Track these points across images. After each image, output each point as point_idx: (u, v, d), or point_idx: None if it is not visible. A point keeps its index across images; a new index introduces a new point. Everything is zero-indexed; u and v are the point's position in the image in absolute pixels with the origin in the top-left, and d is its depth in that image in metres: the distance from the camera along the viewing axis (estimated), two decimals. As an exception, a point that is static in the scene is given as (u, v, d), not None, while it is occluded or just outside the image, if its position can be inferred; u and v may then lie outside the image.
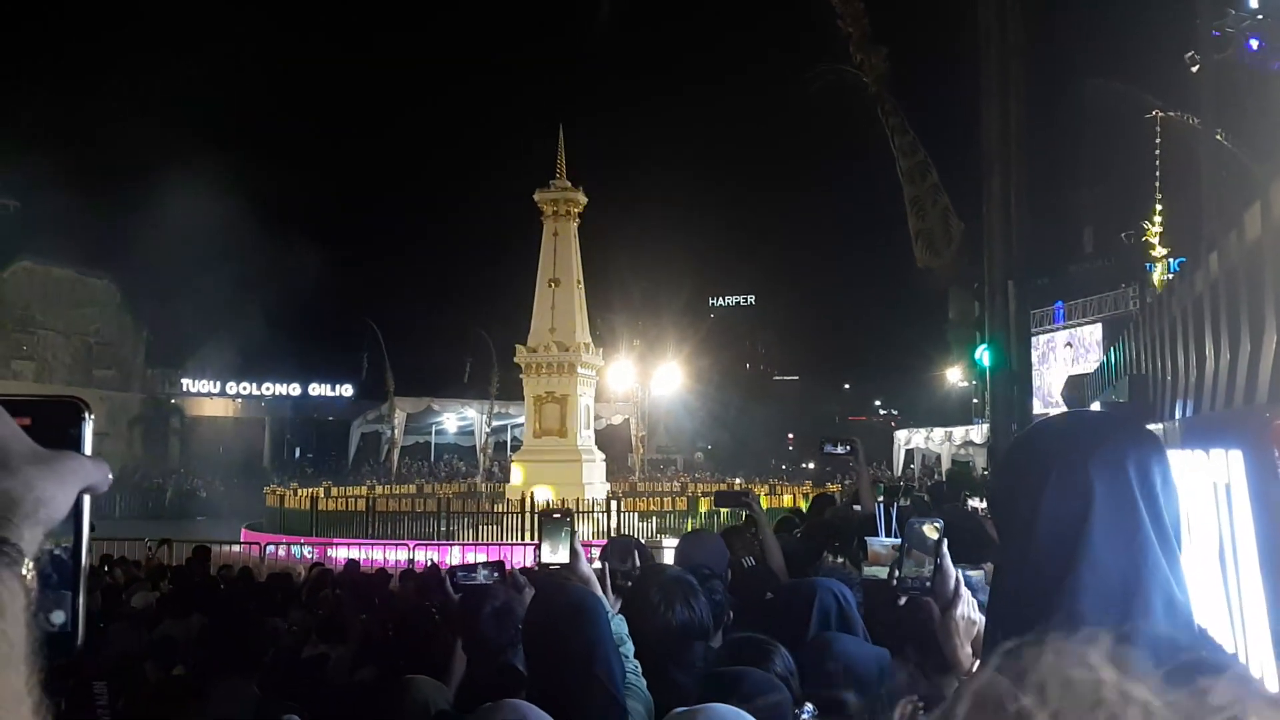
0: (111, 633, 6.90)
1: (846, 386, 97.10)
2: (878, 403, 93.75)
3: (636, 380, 45.52)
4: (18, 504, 0.72)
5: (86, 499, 0.80)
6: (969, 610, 2.08)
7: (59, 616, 0.78)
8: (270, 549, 20.43)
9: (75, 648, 0.79)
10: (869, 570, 3.77)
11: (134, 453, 47.59)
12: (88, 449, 0.81)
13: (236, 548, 20.65)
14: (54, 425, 0.80)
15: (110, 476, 0.81)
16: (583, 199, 26.82)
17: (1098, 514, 1.29)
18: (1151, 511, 1.31)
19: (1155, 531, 1.29)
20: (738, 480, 38.69)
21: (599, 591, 2.99)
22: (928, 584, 2.09)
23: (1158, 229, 34.59)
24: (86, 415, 0.83)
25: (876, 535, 4.92)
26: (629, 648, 2.80)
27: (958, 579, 2.08)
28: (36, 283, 46.53)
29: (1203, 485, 3.58)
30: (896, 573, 2.08)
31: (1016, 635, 0.62)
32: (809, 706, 2.47)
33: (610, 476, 29.83)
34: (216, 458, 51.36)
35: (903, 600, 2.11)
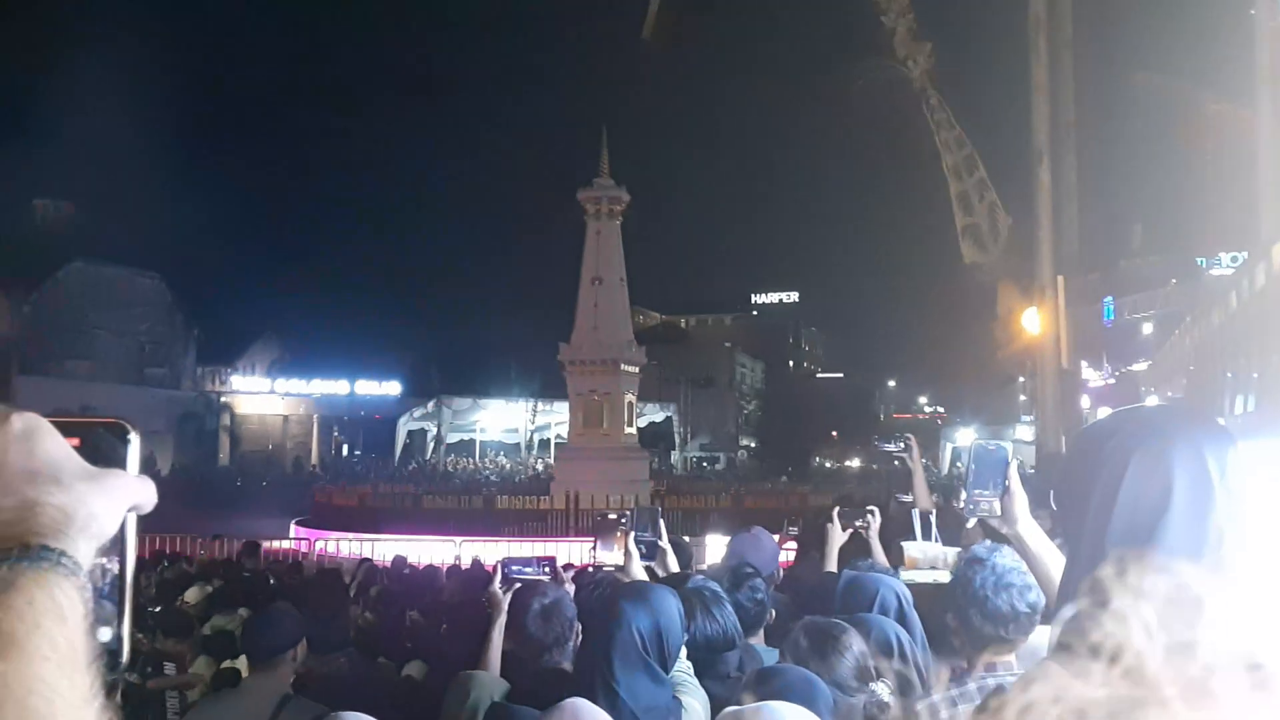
0: (165, 627, 7.00)
1: (891, 384, 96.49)
2: (923, 399, 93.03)
3: (680, 377, 45.47)
4: (72, 518, 0.75)
5: (132, 517, 0.82)
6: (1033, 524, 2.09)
7: (106, 633, 0.79)
8: (319, 545, 20.67)
9: (120, 663, 0.80)
10: (905, 575, 3.70)
11: (185, 449, 48.34)
12: (133, 468, 0.84)
13: (286, 543, 20.92)
14: (101, 445, 0.83)
15: (155, 497, 0.83)
16: (626, 197, 26.82)
17: (1177, 501, 1.28)
18: (1226, 504, 1.30)
19: (1228, 524, 1.28)
20: (782, 479, 38.52)
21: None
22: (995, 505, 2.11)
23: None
24: (132, 436, 0.85)
25: (913, 537, 4.84)
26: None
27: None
28: (89, 282, 47.36)
29: (1268, 478, 3.49)
30: (964, 494, 2.11)
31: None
32: (877, 685, 2.44)
33: (651, 474, 29.83)
34: (266, 454, 52.08)
35: (971, 522, 2.11)
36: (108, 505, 0.78)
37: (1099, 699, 0.56)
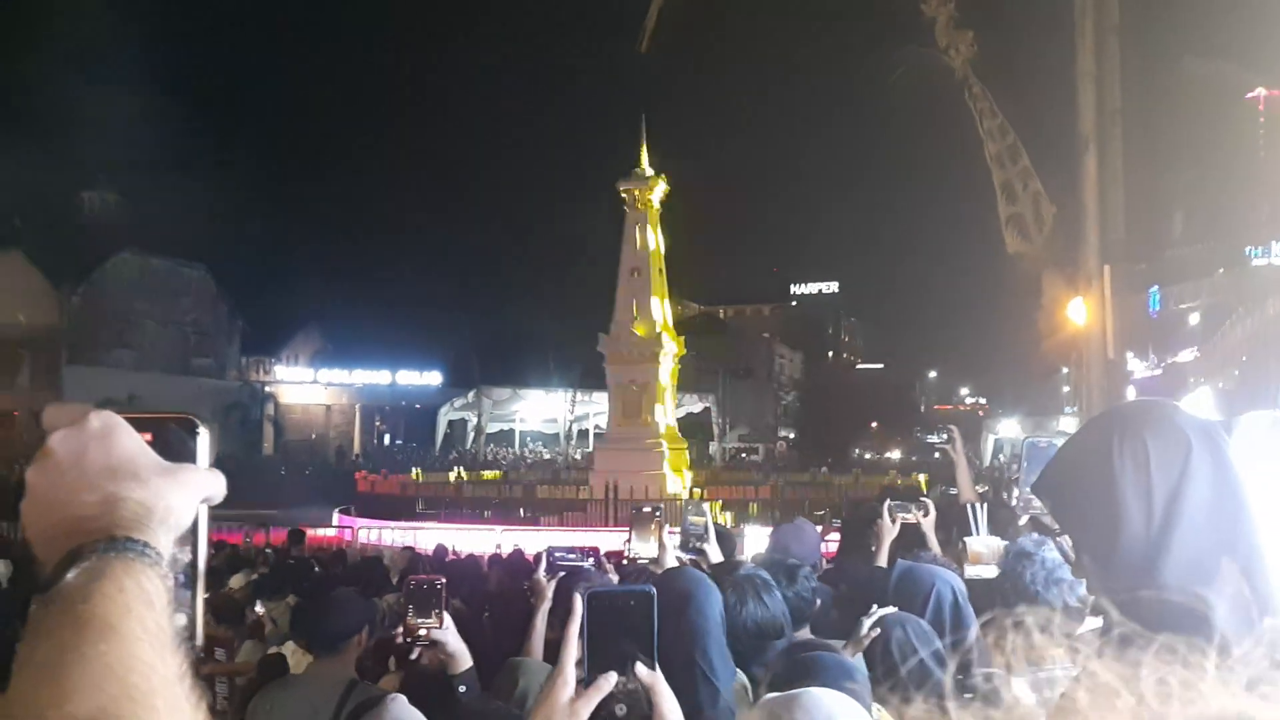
0: (211, 614, 7.12)
1: (932, 375, 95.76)
2: (964, 390, 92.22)
3: (718, 368, 45.34)
4: (153, 511, 0.79)
5: (204, 509, 0.86)
6: None
7: (180, 619, 0.81)
8: (362, 533, 20.87)
9: (194, 648, 0.83)
10: (971, 570, 3.67)
11: (229, 439, 48.95)
12: (203, 462, 0.88)
13: (330, 531, 21.14)
14: (172, 440, 0.87)
15: (225, 489, 0.86)
16: (664, 187, 26.79)
17: (1196, 464, 1.31)
18: (1243, 479, 1.33)
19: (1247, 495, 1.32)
20: (823, 470, 38.32)
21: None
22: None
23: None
24: (201, 430, 0.89)
25: (970, 530, 4.80)
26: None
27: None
28: (136, 273, 48.01)
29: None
30: (1016, 493, 2.09)
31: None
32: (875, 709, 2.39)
33: (690, 465, 29.81)
34: (309, 443, 52.66)
35: (1024, 520, 2.08)
36: (184, 498, 0.82)
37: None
